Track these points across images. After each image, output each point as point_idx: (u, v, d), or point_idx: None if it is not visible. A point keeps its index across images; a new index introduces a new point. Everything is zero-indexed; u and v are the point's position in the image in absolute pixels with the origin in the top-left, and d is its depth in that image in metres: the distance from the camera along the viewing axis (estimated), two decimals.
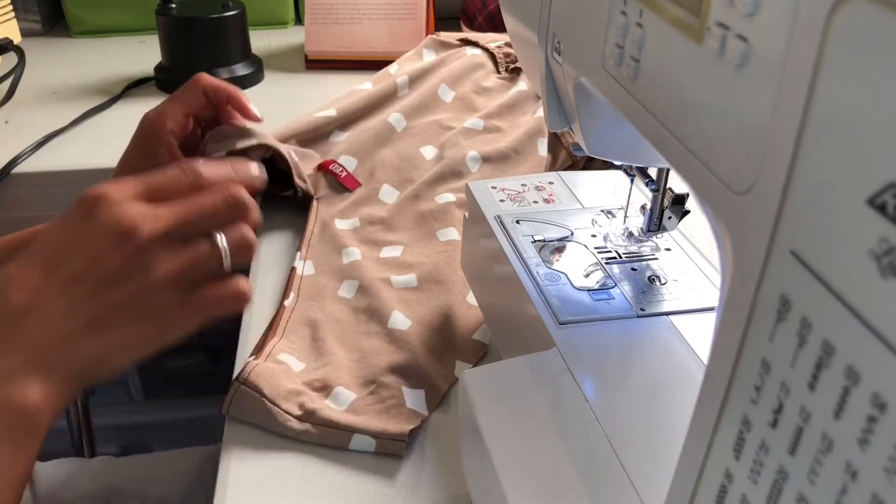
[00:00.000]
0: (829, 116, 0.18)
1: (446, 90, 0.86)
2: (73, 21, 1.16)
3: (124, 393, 1.25)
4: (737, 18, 0.22)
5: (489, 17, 1.08)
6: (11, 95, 0.94)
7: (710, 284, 0.46)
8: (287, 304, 0.61)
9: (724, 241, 0.24)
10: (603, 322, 0.44)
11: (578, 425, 0.38)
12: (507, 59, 0.92)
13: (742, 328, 0.23)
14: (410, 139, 0.80)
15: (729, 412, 0.24)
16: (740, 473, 0.23)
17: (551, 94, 0.43)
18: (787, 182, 0.20)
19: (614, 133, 0.42)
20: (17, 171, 0.78)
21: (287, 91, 0.99)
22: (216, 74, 0.97)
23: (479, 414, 0.39)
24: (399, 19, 1.03)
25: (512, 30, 0.48)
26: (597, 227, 0.52)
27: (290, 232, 0.72)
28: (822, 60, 0.19)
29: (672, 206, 0.45)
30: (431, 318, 0.59)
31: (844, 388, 0.18)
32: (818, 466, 0.20)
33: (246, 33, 1.01)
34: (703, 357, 0.41)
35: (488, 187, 0.56)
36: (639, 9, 0.29)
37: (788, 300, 0.20)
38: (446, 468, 0.48)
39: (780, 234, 0.21)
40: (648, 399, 0.39)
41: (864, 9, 0.17)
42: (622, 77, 0.31)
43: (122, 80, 0.99)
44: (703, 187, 0.25)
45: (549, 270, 0.47)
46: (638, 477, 0.35)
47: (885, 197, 0.17)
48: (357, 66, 1.04)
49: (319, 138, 0.81)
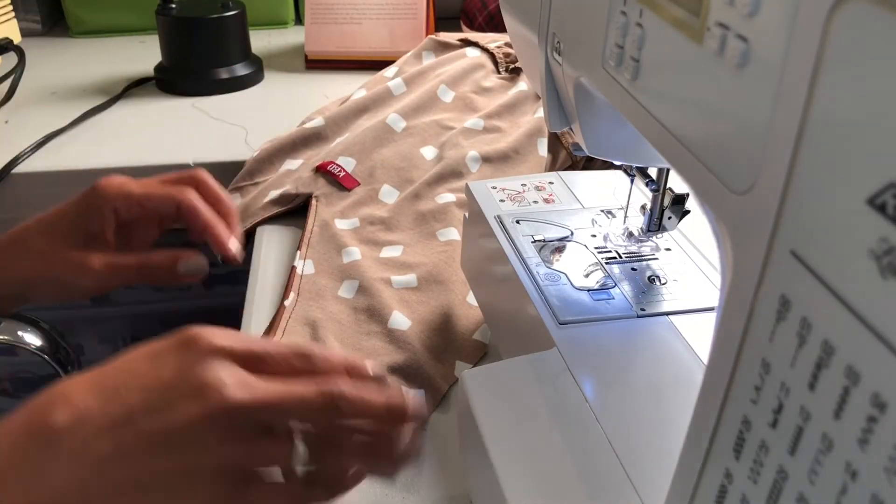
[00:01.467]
0: (829, 116, 0.18)
1: (446, 90, 0.86)
2: (73, 21, 1.16)
3: None
4: (737, 18, 0.22)
5: (489, 17, 1.08)
6: (11, 95, 0.94)
7: (710, 284, 0.46)
8: (287, 303, 0.61)
9: (724, 241, 0.24)
10: (603, 322, 0.44)
11: (578, 425, 0.38)
12: (507, 59, 0.92)
13: (742, 328, 0.23)
14: (410, 139, 0.80)
15: (729, 412, 0.24)
16: (740, 473, 0.23)
17: (551, 94, 0.43)
18: (787, 182, 0.20)
19: (614, 133, 0.42)
20: (17, 171, 0.78)
21: (287, 91, 0.99)
22: (216, 75, 0.97)
23: (479, 414, 0.39)
24: (399, 19, 1.04)
25: (512, 30, 0.48)
26: (597, 227, 0.52)
27: (290, 231, 0.72)
28: (822, 60, 0.19)
29: (672, 206, 0.45)
30: (431, 318, 0.59)
31: (844, 388, 0.18)
32: (818, 466, 0.20)
33: (246, 33, 1.01)
34: (703, 357, 0.41)
35: (488, 187, 0.56)
36: (639, 9, 0.29)
37: (788, 300, 0.20)
38: (446, 468, 0.48)
39: (780, 234, 0.21)
40: (648, 399, 0.39)
41: (864, 9, 0.17)
42: (622, 77, 0.31)
43: (122, 80, 0.99)
44: (703, 187, 0.25)
45: (549, 270, 0.47)
46: (638, 477, 0.35)
47: (885, 197, 0.17)
48: (357, 66, 1.04)
49: (312, 141, 0.81)
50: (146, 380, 0.34)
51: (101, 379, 0.34)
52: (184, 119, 0.91)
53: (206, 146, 0.84)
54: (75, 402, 0.33)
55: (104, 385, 0.34)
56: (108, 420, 0.33)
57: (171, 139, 0.86)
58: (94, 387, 0.34)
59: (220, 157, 0.81)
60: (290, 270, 0.65)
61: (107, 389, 0.34)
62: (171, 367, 0.33)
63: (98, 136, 0.86)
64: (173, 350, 0.34)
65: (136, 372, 0.34)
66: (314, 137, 0.82)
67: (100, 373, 0.35)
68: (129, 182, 0.51)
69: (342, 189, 0.75)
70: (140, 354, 0.35)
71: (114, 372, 0.34)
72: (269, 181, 0.77)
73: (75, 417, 0.33)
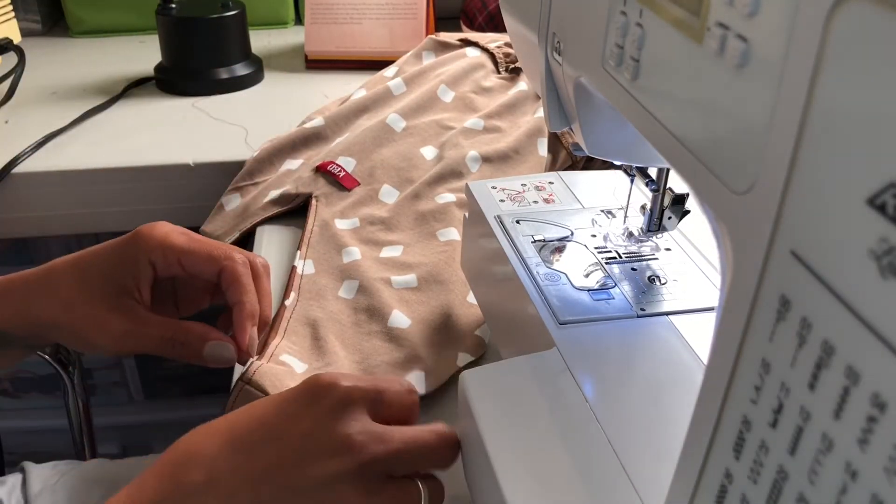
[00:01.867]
0: (829, 116, 0.18)
1: (446, 90, 0.86)
2: (73, 21, 1.16)
3: (124, 393, 1.25)
4: (737, 18, 0.22)
5: (489, 17, 1.08)
6: (11, 95, 0.94)
7: (710, 284, 0.46)
8: (287, 303, 0.61)
9: (724, 241, 0.24)
10: (603, 322, 0.44)
11: (578, 425, 0.38)
12: (507, 59, 0.92)
13: (742, 328, 0.23)
14: (410, 139, 0.80)
15: (729, 412, 0.24)
16: (740, 473, 0.23)
17: (551, 94, 0.43)
18: (787, 182, 0.20)
19: (614, 133, 0.42)
20: (17, 171, 0.78)
21: (287, 91, 0.99)
22: (216, 75, 0.97)
23: (478, 414, 0.39)
24: (399, 19, 1.04)
25: (512, 30, 0.48)
26: (597, 227, 0.52)
27: (290, 231, 0.72)
28: (822, 60, 0.19)
29: (672, 206, 0.45)
30: (432, 318, 0.59)
31: (844, 388, 0.18)
32: (818, 466, 0.20)
33: (246, 33, 1.01)
34: (703, 357, 0.41)
35: (488, 187, 0.56)
36: (639, 9, 0.29)
37: (788, 300, 0.20)
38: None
39: (780, 234, 0.21)
40: (648, 399, 0.39)
41: (864, 9, 0.17)
42: (622, 77, 0.31)
43: (122, 80, 0.99)
44: (703, 187, 0.25)
45: (549, 270, 0.47)
46: (638, 477, 0.35)
47: (885, 197, 0.17)
48: (357, 66, 1.04)
49: (312, 141, 0.81)
50: (281, 434, 0.34)
51: (233, 433, 0.34)
52: (184, 119, 0.91)
53: (206, 146, 0.84)
54: (210, 459, 0.33)
55: (238, 440, 0.34)
56: (246, 476, 0.33)
57: (171, 139, 0.86)
58: (228, 442, 0.34)
59: (220, 157, 0.81)
60: (291, 270, 0.65)
61: (243, 444, 0.34)
62: (306, 422, 0.34)
63: (98, 136, 0.86)
64: (304, 402, 0.34)
65: (269, 425, 0.34)
66: (314, 137, 0.82)
67: (229, 426, 0.34)
68: (174, 234, 0.47)
69: (342, 189, 0.75)
70: (270, 406, 0.35)
71: (246, 425, 0.34)
72: (269, 181, 0.77)
73: (211, 477, 0.33)
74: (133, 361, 1.20)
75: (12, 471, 0.60)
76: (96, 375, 1.21)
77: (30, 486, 0.58)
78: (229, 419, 0.36)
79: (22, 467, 0.60)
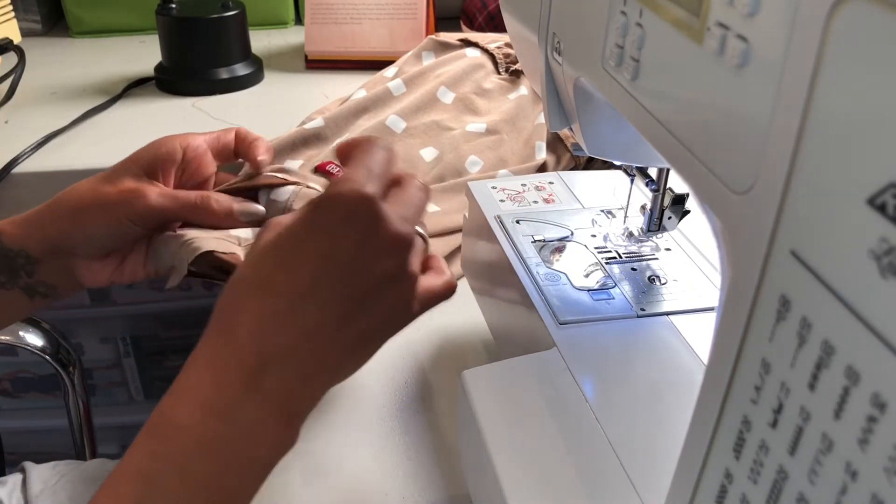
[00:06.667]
0: (829, 116, 0.18)
1: (446, 91, 0.86)
2: (73, 21, 1.16)
3: (124, 393, 1.25)
4: (737, 18, 0.22)
5: (489, 17, 1.08)
6: (11, 95, 0.94)
7: (710, 284, 0.46)
8: None
9: (724, 241, 0.24)
10: (603, 322, 0.44)
11: (578, 425, 0.38)
12: (507, 60, 0.92)
13: (742, 328, 0.23)
14: (410, 140, 0.80)
15: (729, 412, 0.24)
16: (740, 473, 0.23)
17: (551, 94, 0.43)
18: (787, 182, 0.20)
19: (614, 133, 0.42)
20: (17, 171, 0.78)
21: (287, 91, 0.99)
22: (216, 75, 0.97)
23: (479, 414, 0.39)
24: (399, 19, 1.03)
25: (512, 30, 0.48)
26: (597, 227, 0.52)
27: None
28: (822, 60, 0.19)
29: (672, 206, 0.45)
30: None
31: (844, 388, 0.18)
32: (818, 466, 0.20)
33: (246, 33, 1.00)
34: (703, 357, 0.41)
35: (488, 187, 0.56)
36: (639, 9, 0.29)
37: (788, 300, 0.20)
38: (446, 468, 0.48)
39: (780, 234, 0.21)
40: (648, 399, 0.39)
41: (864, 9, 0.17)
42: (622, 77, 0.31)
43: (122, 80, 0.99)
44: (703, 187, 0.25)
45: (549, 270, 0.47)
46: (638, 477, 0.35)
47: (885, 197, 0.17)
48: (357, 66, 1.04)
49: (312, 141, 0.81)
50: (348, 257, 0.34)
51: (292, 265, 0.34)
52: (184, 119, 0.91)
53: None
54: (284, 290, 0.34)
55: (300, 268, 0.34)
56: (323, 299, 0.34)
57: None
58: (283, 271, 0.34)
59: None
60: None
61: (307, 272, 0.34)
62: (352, 237, 0.34)
63: (98, 136, 0.86)
64: (344, 218, 0.34)
65: (322, 250, 0.34)
66: (314, 137, 0.82)
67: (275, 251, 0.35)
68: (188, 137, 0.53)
69: None
70: (302, 234, 0.35)
71: (301, 257, 0.34)
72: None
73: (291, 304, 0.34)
74: (133, 361, 1.20)
75: (12, 471, 0.60)
76: (96, 375, 1.21)
77: (30, 487, 0.58)
78: (264, 253, 0.35)
79: (22, 467, 0.60)
